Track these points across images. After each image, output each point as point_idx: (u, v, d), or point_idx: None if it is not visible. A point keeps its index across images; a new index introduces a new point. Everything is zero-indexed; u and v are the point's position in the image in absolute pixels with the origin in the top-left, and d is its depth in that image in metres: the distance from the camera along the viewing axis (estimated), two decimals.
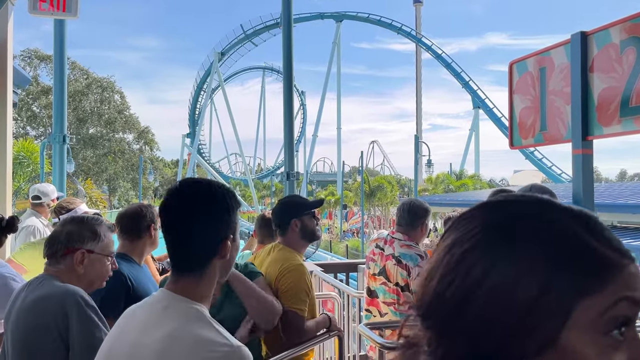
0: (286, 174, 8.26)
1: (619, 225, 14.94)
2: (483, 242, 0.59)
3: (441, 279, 0.61)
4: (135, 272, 2.62)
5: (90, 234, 2.05)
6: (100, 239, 2.07)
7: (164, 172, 63.45)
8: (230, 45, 52.65)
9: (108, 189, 42.16)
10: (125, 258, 2.67)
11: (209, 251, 1.30)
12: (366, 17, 51.13)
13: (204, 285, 1.31)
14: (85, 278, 2.01)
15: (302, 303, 2.55)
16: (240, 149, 56.24)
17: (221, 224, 1.32)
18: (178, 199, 1.35)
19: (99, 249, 2.05)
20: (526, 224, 0.59)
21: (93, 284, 2.07)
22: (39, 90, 39.05)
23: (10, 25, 4.63)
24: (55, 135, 8.53)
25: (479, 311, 0.56)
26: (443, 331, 0.60)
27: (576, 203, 2.27)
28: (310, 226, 2.77)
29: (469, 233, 0.61)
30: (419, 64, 68.02)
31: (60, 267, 1.99)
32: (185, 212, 1.31)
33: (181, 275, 1.31)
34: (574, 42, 2.27)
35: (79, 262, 2.00)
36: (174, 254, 1.33)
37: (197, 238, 1.30)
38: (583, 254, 0.56)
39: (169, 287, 1.30)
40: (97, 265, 2.05)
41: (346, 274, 5.53)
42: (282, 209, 2.83)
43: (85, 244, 2.02)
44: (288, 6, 8.83)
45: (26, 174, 13.80)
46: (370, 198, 38.31)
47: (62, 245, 2.00)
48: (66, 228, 2.05)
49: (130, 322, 1.32)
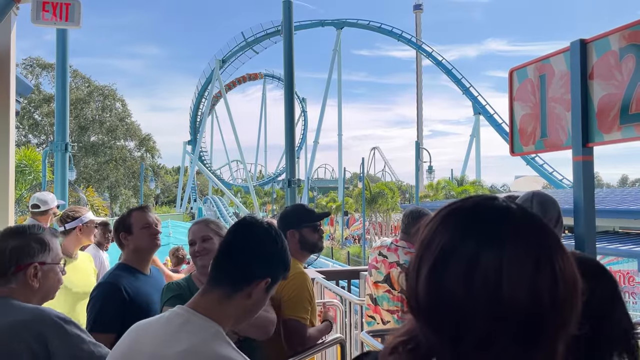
0: (287, 180, 8.25)
1: (621, 230, 14.92)
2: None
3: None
4: (137, 283, 2.59)
5: (39, 245, 1.89)
6: (49, 248, 1.92)
7: (165, 180, 63.45)
8: (231, 52, 52.84)
9: (109, 196, 42.13)
10: (128, 268, 2.65)
11: (244, 279, 1.37)
12: (367, 24, 51.29)
13: (224, 310, 1.33)
14: (40, 291, 1.88)
15: (304, 311, 2.55)
16: (242, 155, 56.30)
17: (269, 268, 1.42)
18: (252, 227, 1.48)
19: (50, 258, 1.91)
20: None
21: (47, 296, 1.94)
22: (40, 98, 39.16)
23: (13, 34, 4.66)
24: (57, 143, 8.54)
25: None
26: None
27: (577, 210, 2.28)
28: (309, 239, 2.76)
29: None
30: (420, 71, 68.19)
31: (12, 286, 1.82)
32: (251, 239, 1.44)
33: (210, 291, 1.35)
34: (574, 50, 2.28)
35: (32, 276, 1.84)
36: (216, 265, 1.40)
37: (243, 263, 1.39)
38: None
39: (191, 305, 1.33)
40: (50, 276, 1.91)
41: (348, 281, 5.53)
42: (280, 219, 2.84)
43: (36, 257, 1.87)
44: (289, 13, 8.87)
45: (28, 182, 13.83)
46: (371, 204, 38.27)
47: (11, 263, 1.83)
48: (10, 243, 1.86)
49: (144, 335, 1.32)
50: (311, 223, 2.78)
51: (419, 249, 0.74)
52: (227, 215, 48.96)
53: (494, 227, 0.69)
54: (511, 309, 0.64)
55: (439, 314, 0.68)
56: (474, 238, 0.68)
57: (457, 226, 0.71)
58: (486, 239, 0.67)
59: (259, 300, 1.40)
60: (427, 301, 0.69)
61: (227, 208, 53.96)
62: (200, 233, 2.44)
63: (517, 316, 0.64)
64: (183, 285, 2.37)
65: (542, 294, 0.65)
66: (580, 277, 0.70)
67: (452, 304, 0.66)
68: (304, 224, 2.76)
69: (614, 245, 12.79)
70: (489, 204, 0.73)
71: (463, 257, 0.67)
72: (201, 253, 2.40)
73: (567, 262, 0.69)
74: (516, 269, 0.65)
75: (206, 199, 59.38)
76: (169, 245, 8.31)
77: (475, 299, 0.65)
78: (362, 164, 33.19)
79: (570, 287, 0.67)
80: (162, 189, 57.69)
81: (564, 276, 0.67)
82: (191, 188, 55.84)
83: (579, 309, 0.69)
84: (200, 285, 2.33)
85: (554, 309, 0.65)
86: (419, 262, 0.72)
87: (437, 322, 0.68)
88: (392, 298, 3.32)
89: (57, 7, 4.26)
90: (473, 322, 0.65)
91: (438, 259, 0.69)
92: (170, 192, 65.60)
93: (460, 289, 0.66)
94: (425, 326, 0.70)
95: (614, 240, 13.45)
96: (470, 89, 45.58)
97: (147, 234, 2.72)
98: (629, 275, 11.69)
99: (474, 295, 0.65)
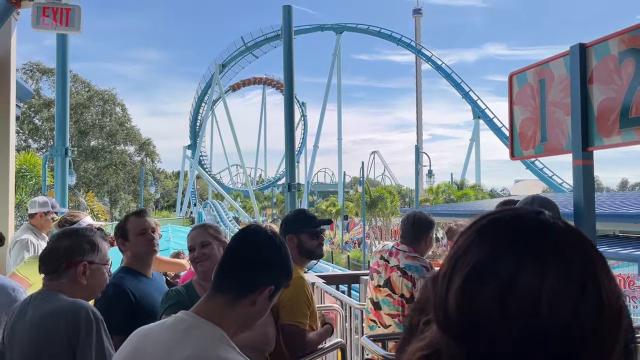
0: (287, 185, 8.26)
1: (621, 234, 14.91)
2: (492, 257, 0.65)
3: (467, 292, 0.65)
4: (141, 285, 2.61)
5: (89, 245, 2.09)
6: (98, 249, 2.12)
7: (165, 184, 63.44)
8: (231, 57, 52.96)
9: (109, 201, 42.13)
10: (131, 272, 2.67)
11: (248, 286, 1.38)
12: (366, 28, 51.48)
13: (228, 317, 1.34)
14: (88, 288, 2.07)
15: (303, 316, 2.54)
16: (241, 160, 56.39)
17: (273, 275, 1.43)
18: (257, 234, 1.49)
19: (98, 259, 2.11)
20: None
21: (94, 293, 2.16)
22: (40, 103, 39.20)
23: (14, 40, 4.68)
24: (57, 148, 8.55)
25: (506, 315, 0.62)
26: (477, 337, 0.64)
27: (577, 214, 2.28)
28: (308, 245, 2.76)
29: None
30: (419, 75, 68.32)
31: (63, 281, 2.02)
32: (255, 246, 1.45)
33: (214, 297, 1.36)
34: (573, 54, 2.29)
35: (81, 274, 2.04)
36: (220, 272, 1.41)
37: (247, 271, 1.40)
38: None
39: (195, 310, 1.34)
40: (97, 275, 2.11)
41: (348, 286, 5.52)
42: (282, 223, 2.84)
43: (86, 256, 2.07)
44: (288, 18, 8.89)
45: (29, 187, 13.80)
46: (371, 208, 38.25)
47: (63, 259, 2.03)
48: (64, 242, 2.08)
49: (147, 340, 1.33)
50: (310, 229, 2.77)
51: (452, 258, 0.70)
52: (227, 220, 48.95)
53: (535, 243, 0.65)
54: (549, 332, 0.60)
55: (470, 330, 0.64)
56: (512, 255, 0.64)
57: (495, 240, 0.67)
58: (526, 257, 0.64)
59: (263, 308, 1.41)
60: (457, 316, 0.65)
61: (227, 212, 53.94)
62: (199, 239, 2.43)
63: (555, 341, 0.61)
64: (182, 293, 2.36)
65: (585, 320, 0.61)
66: (624, 304, 0.66)
67: (486, 322, 0.63)
68: (303, 230, 2.75)
69: (614, 249, 12.77)
70: (530, 217, 0.69)
71: (501, 275, 0.63)
72: (200, 259, 2.39)
73: (614, 287, 0.64)
74: (557, 292, 0.61)
75: (206, 203, 59.37)
76: (169, 250, 8.30)
77: (511, 319, 0.61)
78: (362, 168, 33.21)
79: (615, 315, 0.64)
80: (162, 193, 57.65)
81: (610, 303, 0.63)
82: (191, 192, 55.86)
83: (622, 344, 0.64)
84: (200, 291, 2.33)
85: (595, 338, 0.62)
86: (451, 272, 0.68)
87: (468, 338, 0.64)
88: (393, 302, 3.31)
89: (57, 12, 4.26)
90: (508, 342, 0.61)
91: (473, 273, 0.65)
92: (170, 197, 65.63)
93: (495, 309, 0.62)
94: (453, 341, 0.66)
95: (614, 244, 13.44)
96: (469, 92, 45.69)
97: (143, 240, 2.72)
98: (629, 279, 11.69)
99: (510, 316, 0.61)
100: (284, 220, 2.88)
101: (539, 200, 2.43)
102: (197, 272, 2.45)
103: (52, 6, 4.27)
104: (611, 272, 0.66)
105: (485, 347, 0.63)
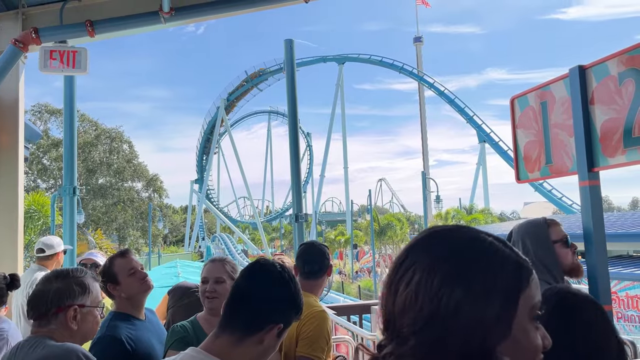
0: (295, 215, 8.24)
1: (635, 254, 14.69)
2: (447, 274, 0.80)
3: (423, 305, 0.79)
4: (135, 331, 2.48)
5: (79, 287, 1.98)
6: (89, 291, 2.01)
7: (173, 219, 63.55)
8: (235, 90, 53.67)
9: (118, 237, 42.18)
10: (122, 317, 2.52)
11: (256, 324, 1.36)
12: (368, 58, 52.11)
13: (236, 354, 1.33)
14: (78, 333, 1.95)
15: (321, 351, 2.50)
16: (249, 192, 56.49)
17: (281, 313, 1.41)
18: (265, 270, 1.46)
19: (89, 301, 2.00)
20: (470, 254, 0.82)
21: (86, 338, 2.03)
22: (49, 143, 39.71)
23: (22, 83, 4.77)
24: (65, 187, 8.60)
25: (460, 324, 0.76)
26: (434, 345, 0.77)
27: (587, 235, 2.25)
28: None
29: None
30: (422, 102, 68.72)
31: (52, 327, 1.91)
32: (263, 283, 1.43)
33: (222, 334, 1.35)
34: (573, 76, 2.30)
35: (72, 318, 1.93)
36: (227, 310, 1.39)
37: (256, 308, 1.38)
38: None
39: (203, 347, 1.33)
40: (89, 318, 1.99)
41: (359, 316, 5.45)
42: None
43: (77, 299, 1.96)
44: (291, 51, 9.04)
45: (37, 227, 13.88)
46: (380, 236, 38.04)
47: (52, 304, 1.92)
48: (53, 285, 1.97)
49: None
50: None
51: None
52: (236, 253, 48.76)
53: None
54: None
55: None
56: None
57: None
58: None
59: (271, 346, 1.39)
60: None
61: (235, 245, 53.80)
62: (215, 273, 2.41)
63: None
64: (188, 328, 2.33)
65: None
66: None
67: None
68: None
69: (629, 269, 12.58)
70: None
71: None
72: (212, 295, 2.37)
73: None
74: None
75: (214, 236, 59.29)
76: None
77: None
78: (369, 195, 33.17)
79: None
80: (170, 228, 57.69)
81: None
82: (199, 226, 55.86)
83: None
84: (206, 327, 2.30)
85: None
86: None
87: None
88: None
89: (64, 54, 4.36)
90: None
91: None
92: (178, 231, 65.61)
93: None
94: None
95: (628, 265, 13.23)
96: (473, 117, 45.84)
97: (136, 280, 2.60)
98: None
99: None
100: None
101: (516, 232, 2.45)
102: (204, 307, 2.43)
103: (59, 49, 4.37)
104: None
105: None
